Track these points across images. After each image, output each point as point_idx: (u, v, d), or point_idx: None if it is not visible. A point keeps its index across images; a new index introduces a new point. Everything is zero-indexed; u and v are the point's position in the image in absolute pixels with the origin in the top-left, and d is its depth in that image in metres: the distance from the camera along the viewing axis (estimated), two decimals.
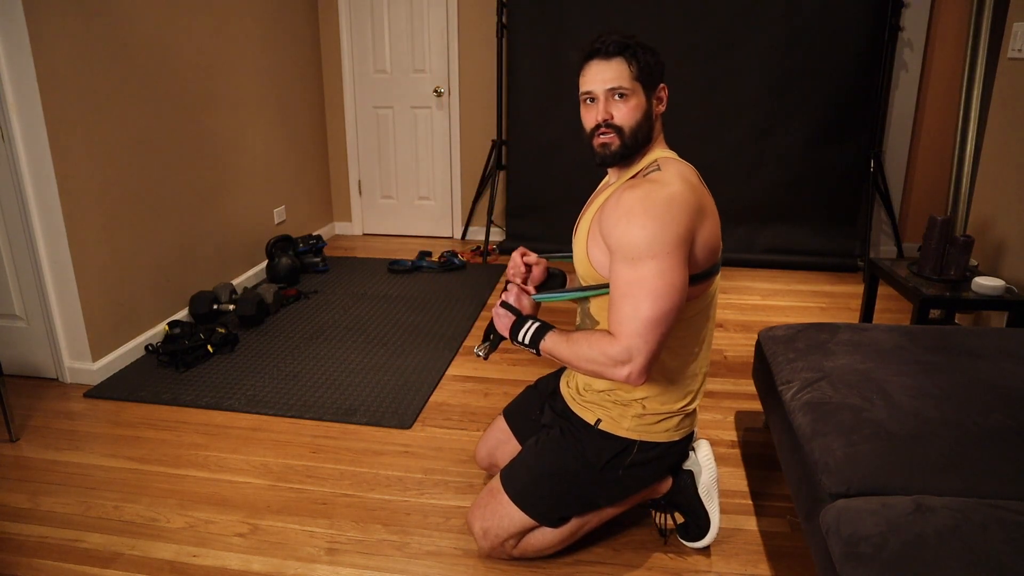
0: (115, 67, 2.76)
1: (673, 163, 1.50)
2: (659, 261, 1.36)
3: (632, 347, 1.38)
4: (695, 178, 1.50)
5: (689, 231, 1.40)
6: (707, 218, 1.45)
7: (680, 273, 1.38)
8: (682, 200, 1.39)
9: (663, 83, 1.53)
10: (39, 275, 2.62)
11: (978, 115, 3.51)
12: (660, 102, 1.54)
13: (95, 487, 2.11)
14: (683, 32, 4.00)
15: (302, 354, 2.97)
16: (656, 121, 1.55)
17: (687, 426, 1.69)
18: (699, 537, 1.78)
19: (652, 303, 1.36)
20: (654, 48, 1.52)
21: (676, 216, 1.37)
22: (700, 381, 1.66)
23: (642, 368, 1.39)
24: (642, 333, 1.37)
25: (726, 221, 4.21)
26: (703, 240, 1.44)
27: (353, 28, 4.53)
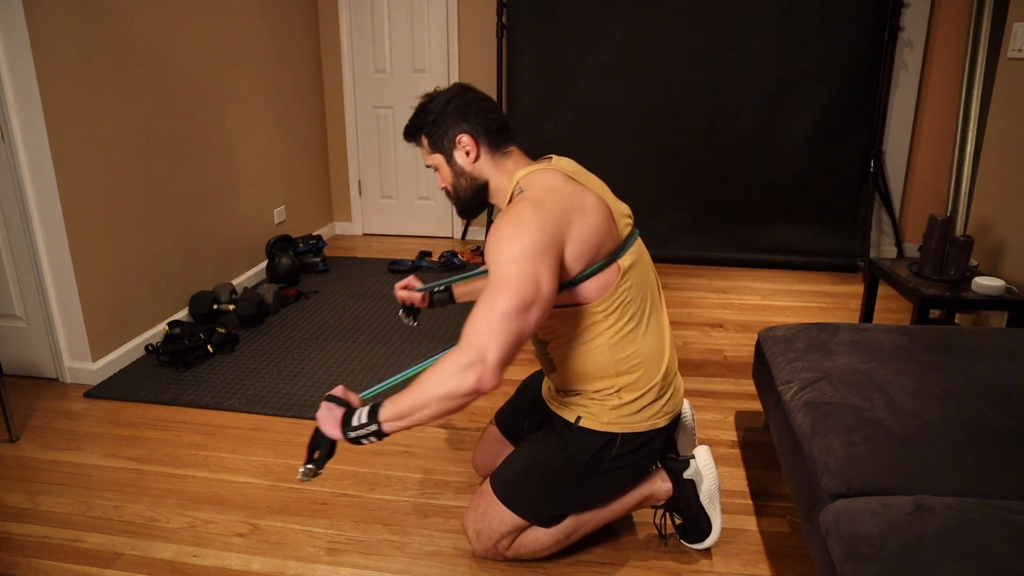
0: (115, 67, 2.76)
1: (536, 176, 1.52)
2: (521, 264, 1.36)
3: (481, 345, 1.32)
4: (561, 181, 1.50)
5: (553, 237, 1.40)
6: (579, 216, 1.45)
7: (544, 275, 1.37)
8: (540, 212, 1.41)
9: (458, 132, 1.56)
10: (39, 275, 2.62)
11: (978, 115, 3.51)
12: (465, 151, 1.57)
13: (95, 487, 2.11)
14: (683, 32, 4.00)
15: (302, 354, 2.97)
16: (480, 161, 1.58)
17: (669, 410, 1.67)
18: (699, 540, 1.78)
19: (508, 296, 1.34)
20: (434, 110, 1.57)
21: (534, 227, 1.39)
22: (667, 359, 1.63)
23: (494, 365, 1.32)
24: (492, 329, 1.33)
25: (726, 221, 4.25)
26: (579, 235, 1.44)
27: (353, 28, 4.53)
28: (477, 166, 1.58)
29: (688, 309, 3.52)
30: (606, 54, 4.10)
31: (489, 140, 1.58)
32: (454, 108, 1.56)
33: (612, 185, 4.75)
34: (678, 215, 4.30)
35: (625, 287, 1.53)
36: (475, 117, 1.57)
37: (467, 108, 1.57)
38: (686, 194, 4.26)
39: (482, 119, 1.57)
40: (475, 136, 1.56)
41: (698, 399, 2.60)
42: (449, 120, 1.57)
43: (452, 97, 1.58)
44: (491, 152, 1.58)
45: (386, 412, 1.40)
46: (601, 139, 4.24)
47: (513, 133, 1.63)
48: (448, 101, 1.57)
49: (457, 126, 1.56)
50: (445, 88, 1.63)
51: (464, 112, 1.56)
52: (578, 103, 4.21)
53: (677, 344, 3.10)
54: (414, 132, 1.61)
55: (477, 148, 1.57)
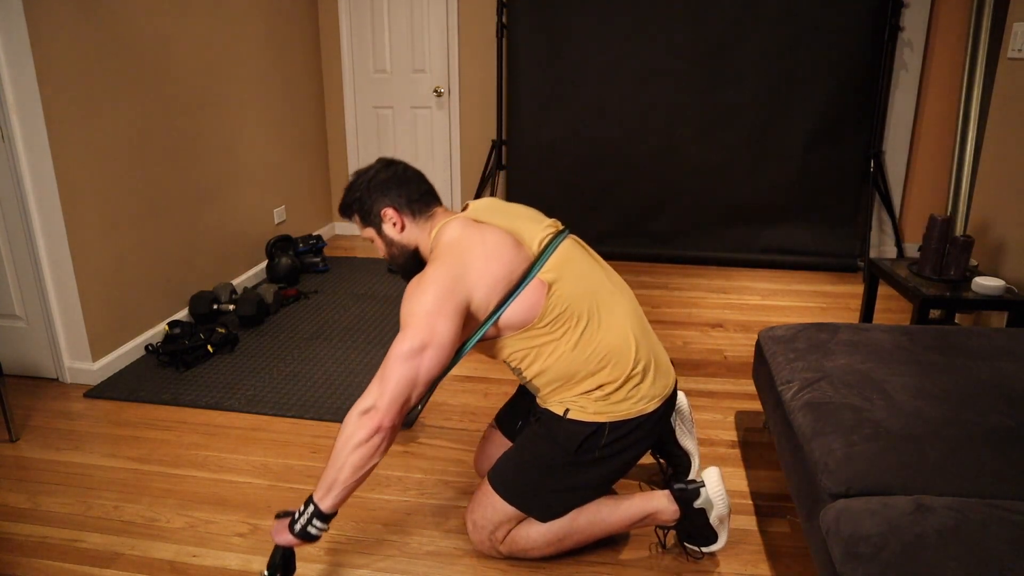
0: (115, 67, 2.76)
1: (441, 234, 1.64)
2: (413, 317, 1.51)
3: (374, 391, 1.50)
4: (459, 230, 1.62)
5: (451, 289, 1.52)
6: (478, 259, 1.57)
7: (436, 323, 1.50)
8: (438, 270, 1.54)
9: (382, 207, 1.70)
10: (39, 275, 2.62)
11: (978, 115, 3.51)
12: (392, 223, 1.71)
13: (95, 487, 2.11)
14: (683, 32, 4.00)
15: (302, 354, 2.97)
16: (407, 230, 1.71)
17: (657, 392, 1.67)
18: (701, 544, 1.77)
19: (403, 343, 1.49)
20: (359, 188, 1.72)
21: (432, 286, 1.52)
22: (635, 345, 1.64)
23: (387, 407, 1.48)
24: (385, 372, 1.50)
25: (726, 221, 4.25)
26: (482, 275, 1.56)
27: (353, 28, 4.53)
28: (405, 235, 1.72)
29: (688, 309, 3.52)
30: (606, 54, 4.10)
31: (412, 210, 1.71)
32: (376, 185, 1.71)
33: (612, 185, 4.72)
34: (678, 215, 4.30)
35: (557, 296, 1.59)
36: (396, 191, 1.70)
37: (388, 184, 1.71)
38: (686, 194, 4.26)
39: (403, 191, 1.70)
40: (397, 208, 1.70)
41: (698, 399, 2.61)
42: (373, 196, 1.71)
43: (375, 174, 1.72)
44: (415, 220, 1.71)
45: (318, 491, 1.53)
46: (601, 139, 4.24)
47: (436, 197, 1.76)
48: (371, 179, 1.72)
49: (380, 202, 1.70)
50: (370, 165, 1.77)
51: (386, 188, 1.70)
52: (578, 103, 4.21)
53: (677, 344, 3.10)
54: (347, 210, 1.77)
55: (401, 219, 1.71)
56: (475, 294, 1.55)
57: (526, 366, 1.67)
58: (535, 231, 1.66)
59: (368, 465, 1.52)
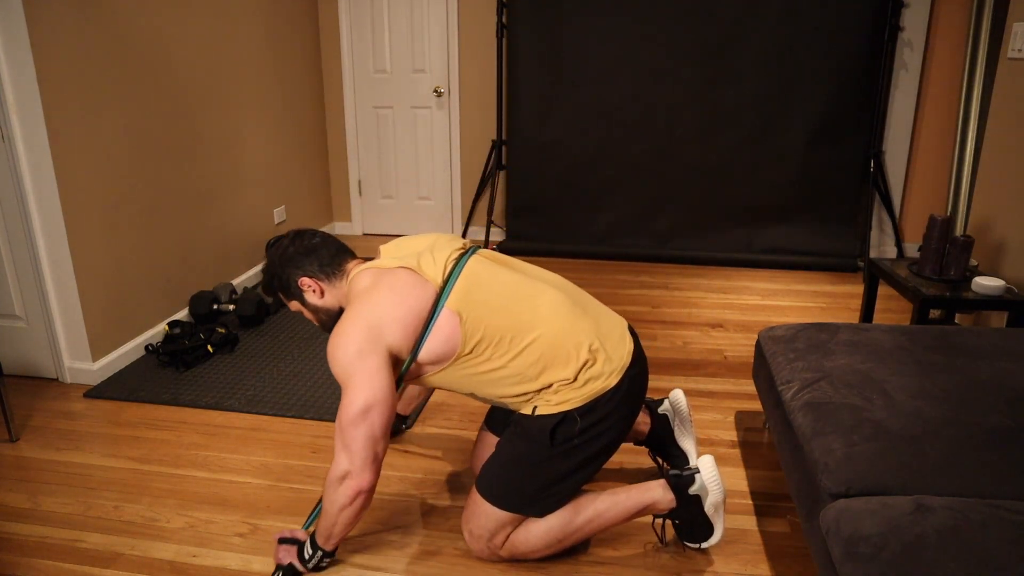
0: (115, 67, 2.76)
1: (355, 284, 1.69)
2: (353, 378, 1.56)
3: (343, 458, 1.57)
4: (366, 280, 1.67)
5: (368, 339, 1.57)
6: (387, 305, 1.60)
7: (375, 378, 1.56)
8: (350, 326, 1.58)
9: (298, 278, 1.77)
10: (39, 275, 2.62)
11: (978, 115, 3.51)
12: (312, 290, 1.78)
13: (95, 487, 2.11)
14: (683, 32, 4.00)
15: (302, 354, 2.97)
16: (327, 294, 1.77)
17: (613, 367, 1.66)
18: (699, 540, 1.77)
19: (348, 408, 1.55)
20: (273, 267, 1.80)
21: (351, 341, 1.57)
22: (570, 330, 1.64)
23: (360, 469, 1.57)
24: (345, 439, 1.56)
25: (726, 221, 4.25)
26: (393, 320, 1.59)
27: (353, 28, 4.53)
28: (326, 300, 1.78)
29: (688, 309, 3.52)
30: (606, 54, 4.11)
31: (325, 274, 1.77)
32: (287, 260, 1.78)
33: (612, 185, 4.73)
34: (678, 215, 4.30)
35: (471, 321, 1.61)
36: (306, 259, 1.77)
37: (298, 255, 1.77)
38: (686, 194, 4.26)
39: (313, 258, 1.77)
40: (312, 276, 1.77)
41: (698, 399, 2.61)
42: (287, 271, 1.78)
43: (285, 250, 1.79)
44: (331, 283, 1.77)
45: (319, 537, 1.68)
46: (601, 139, 4.24)
47: (348, 252, 1.81)
48: (281, 255, 1.79)
49: (295, 274, 1.77)
50: (279, 238, 1.84)
51: (295, 260, 1.77)
52: (578, 103, 4.22)
53: (677, 344, 3.10)
54: (267, 289, 1.85)
55: (319, 286, 1.77)
56: (393, 339, 1.59)
57: (477, 391, 1.70)
58: (439, 259, 1.69)
59: (359, 517, 1.65)
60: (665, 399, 2.08)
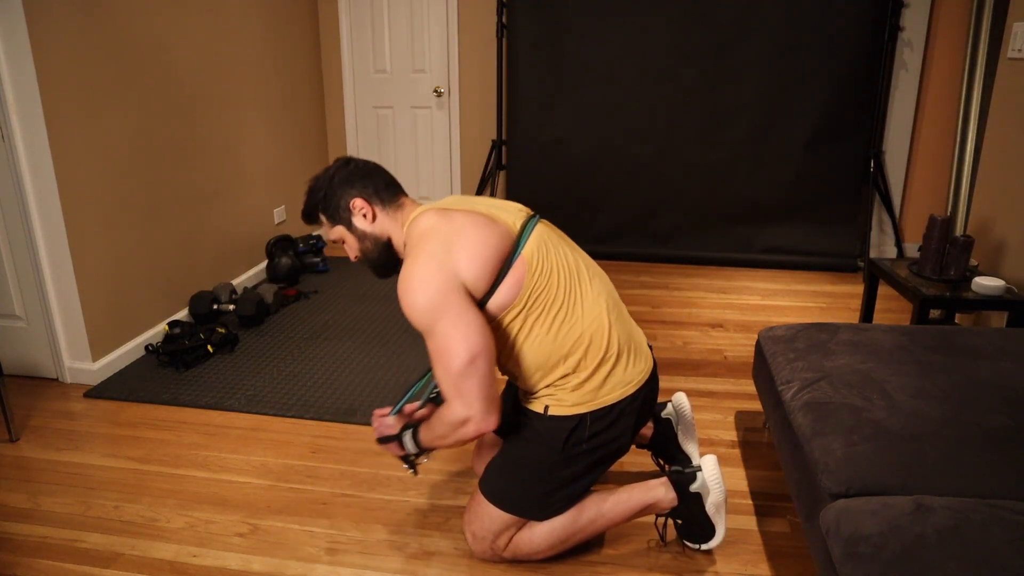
0: (115, 67, 2.76)
1: (413, 226, 1.61)
2: (441, 322, 1.48)
3: (460, 405, 1.51)
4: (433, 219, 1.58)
5: (448, 277, 1.49)
6: (458, 239, 1.53)
7: (468, 319, 1.48)
8: (424, 261, 1.50)
9: (351, 199, 1.67)
10: (39, 275, 2.62)
11: (978, 115, 3.51)
12: (362, 214, 1.67)
13: (95, 487, 2.11)
14: (683, 32, 4.00)
15: (302, 354, 2.97)
16: (378, 220, 1.68)
17: (633, 377, 1.66)
18: (701, 541, 1.77)
19: (454, 359, 1.48)
20: (322, 187, 1.68)
21: (428, 278, 1.49)
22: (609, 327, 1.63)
23: (482, 414, 1.51)
24: (460, 388, 1.49)
25: (726, 221, 4.25)
26: (467, 259, 1.51)
27: (353, 28, 4.53)
28: (377, 225, 1.68)
29: (688, 309, 3.52)
30: (606, 54, 4.10)
31: (380, 198, 1.68)
32: (340, 180, 1.68)
33: (612, 185, 4.73)
34: (678, 215, 4.30)
35: (539, 273, 1.57)
36: (361, 182, 1.68)
37: (352, 176, 1.68)
38: (686, 194, 4.26)
39: (368, 182, 1.68)
40: (366, 198, 1.67)
41: (698, 399, 2.61)
42: (339, 191, 1.68)
43: (336, 171, 1.69)
44: (385, 209, 1.68)
45: (421, 440, 1.66)
46: (601, 139, 4.24)
47: (400, 187, 1.73)
48: (332, 175, 1.69)
49: (347, 193, 1.67)
50: (326, 167, 1.74)
51: (350, 180, 1.67)
52: (578, 103, 4.21)
53: (677, 344, 3.10)
54: (311, 212, 1.72)
55: (372, 208, 1.67)
56: (470, 276, 1.52)
57: (503, 353, 1.64)
58: (510, 214, 1.65)
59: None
60: (668, 403, 2.08)
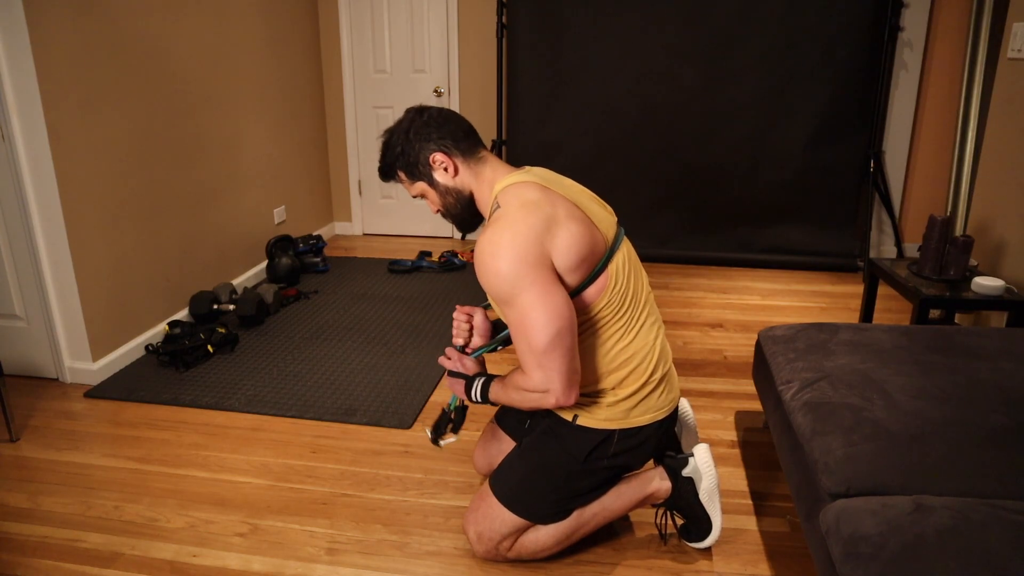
0: (116, 67, 2.76)
1: (512, 191, 1.52)
2: (526, 294, 1.42)
3: (542, 378, 1.47)
4: (536, 193, 1.49)
5: (541, 253, 1.43)
6: (560, 227, 1.46)
7: (552, 294, 1.43)
8: (520, 230, 1.43)
9: (430, 153, 1.58)
10: (39, 275, 2.62)
11: (978, 115, 3.51)
12: (444, 168, 1.59)
13: (95, 487, 2.11)
14: (683, 32, 4.00)
15: (302, 354, 2.97)
16: (460, 174, 1.60)
17: (665, 404, 1.67)
18: (700, 538, 1.78)
19: (537, 334, 1.43)
20: (398, 142, 1.59)
21: (520, 247, 1.42)
22: (658, 353, 1.64)
23: (563, 389, 1.47)
24: (542, 363, 1.45)
25: (726, 221, 4.25)
26: (564, 248, 1.46)
27: (353, 28, 4.53)
28: (459, 180, 1.60)
29: (688, 309, 3.52)
30: (606, 54, 4.10)
31: (461, 150, 1.59)
32: (415, 132, 1.58)
33: (612, 185, 4.73)
34: (678, 215, 4.30)
35: (616, 290, 1.55)
36: (438, 132, 1.58)
37: (427, 127, 1.58)
38: (686, 194, 4.26)
39: (446, 132, 1.58)
40: (446, 151, 1.58)
41: (698, 399, 2.61)
42: (416, 146, 1.58)
43: (410, 123, 1.60)
44: (466, 161, 1.60)
45: (493, 395, 1.64)
46: (601, 139, 4.24)
47: (479, 136, 1.64)
48: (408, 129, 1.59)
49: (426, 148, 1.58)
50: (399, 118, 1.65)
51: (426, 133, 1.58)
52: (578, 103, 4.21)
53: (677, 344, 3.10)
54: (388, 170, 1.64)
55: (452, 162, 1.59)
56: (560, 264, 1.46)
57: None
58: (605, 218, 1.58)
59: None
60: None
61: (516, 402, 1.57)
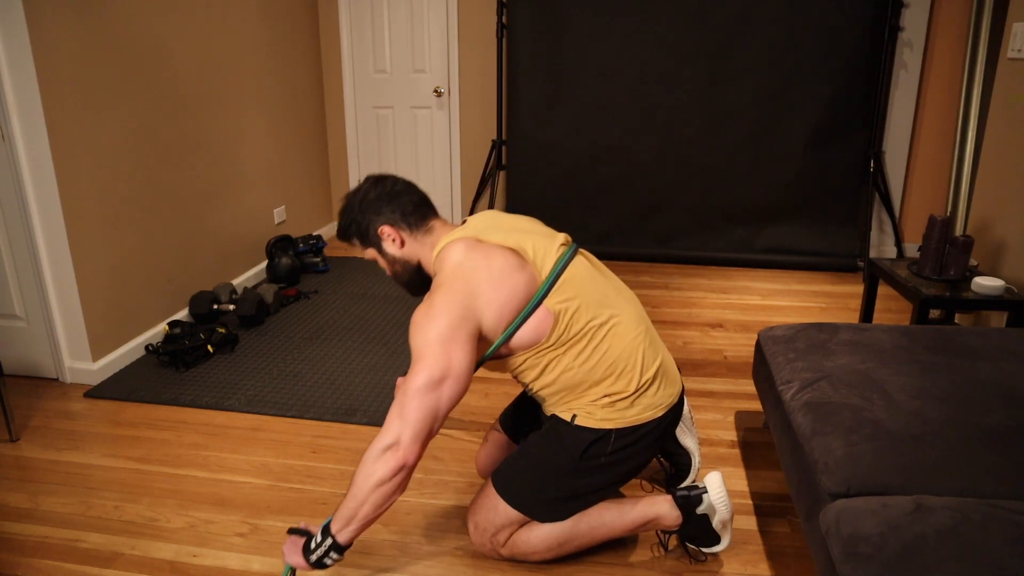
0: (115, 67, 2.76)
1: (445, 254, 1.61)
2: (427, 347, 1.48)
3: (395, 427, 1.47)
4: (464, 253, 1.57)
5: (462, 316, 1.50)
6: (486, 284, 1.53)
7: (452, 353, 1.48)
8: (447, 296, 1.51)
9: (379, 226, 1.69)
10: (39, 275, 2.62)
11: (978, 115, 3.51)
12: (392, 240, 1.69)
13: (95, 487, 2.11)
14: (683, 32, 4.00)
15: (302, 354, 2.97)
16: (407, 245, 1.70)
17: (663, 400, 1.67)
18: (703, 546, 1.77)
19: (417, 377, 1.47)
20: (352, 211, 1.70)
21: (443, 313, 1.49)
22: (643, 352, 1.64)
23: (409, 444, 1.46)
24: (405, 409, 1.47)
25: (726, 221, 4.25)
26: (490, 302, 1.53)
27: (353, 28, 4.53)
28: (406, 251, 1.70)
29: (688, 309, 3.52)
30: (606, 54, 4.11)
31: (408, 224, 1.69)
32: (368, 205, 1.69)
33: (612, 185, 4.71)
34: (678, 215, 4.30)
35: (566, 318, 1.58)
36: (389, 207, 1.68)
37: (379, 201, 1.69)
38: (686, 194, 4.26)
39: (396, 206, 1.68)
40: (393, 224, 1.68)
41: (698, 399, 2.61)
42: (368, 217, 1.69)
43: (364, 195, 1.70)
44: (413, 234, 1.69)
45: (336, 523, 1.51)
46: (601, 139, 4.24)
47: (431, 205, 1.73)
48: (362, 200, 1.70)
49: (375, 221, 1.69)
50: (359, 184, 1.75)
51: (377, 207, 1.68)
52: (578, 103, 4.22)
53: (677, 344, 3.10)
54: (344, 234, 1.75)
55: (399, 235, 1.69)
56: (485, 319, 1.53)
57: (532, 378, 1.66)
58: (548, 248, 1.63)
59: (390, 501, 1.50)
60: None
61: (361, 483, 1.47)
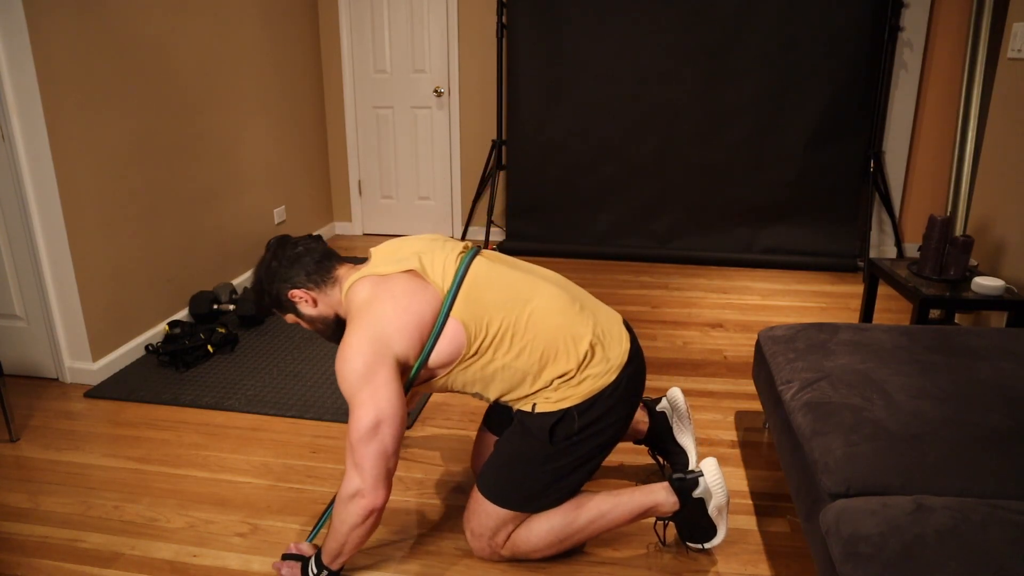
0: (115, 67, 2.76)
1: (355, 295, 1.64)
2: (355, 397, 1.53)
3: (354, 476, 1.53)
4: (367, 291, 1.61)
5: (376, 355, 1.54)
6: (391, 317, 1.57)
7: (382, 389, 1.53)
8: (358, 340, 1.55)
9: (289, 290, 1.71)
10: (39, 275, 2.62)
11: (978, 115, 3.51)
12: (304, 301, 1.72)
13: (95, 487, 2.11)
14: (683, 32, 4.00)
15: (302, 354, 2.97)
16: (320, 303, 1.71)
17: (612, 365, 1.66)
18: (702, 541, 1.77)
19: (354, 429, 1.52)
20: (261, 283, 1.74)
21: (356, 357, 1.53)
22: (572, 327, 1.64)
23: (372, 487, 1.52)
24: (355, 458, 1.53)
25: (726, 221, 4.25)
26: (398, 331, 1.56)
27: (353, 28, 4.53)
28: (320, 309, 1.72)
29: (688, 309, 3.52)
30: (606, 54, 4.11)
31: (315, 282, 1.70)
32: (274, 274, 1.71)
33: (612, 185, 4.72)
34: (678, 215, 4.30)
35: (476, 326, 1.60)
36: (292, 272, 1.70)
37: (283, 268, 1.71)
38: (686, 194, 4.26)
39: (299, 269, 1.70)
40: (301, 287, 1.70)
41: (698, 399, 2.61)
42: (276, 286, 1.72)
43: (268, 265, 1.73)
44: (322, 290, 1.71)
45: (326, 557, 1.62)
46: (601, 138, 4.24)
47: (332, 256, 1.75)
48: (267, 270, 1.73)
49: (283, 288, 1.71)
50: (262, 256, 1.79)
51: (283, 273, 1.71)
52: (578, 103, 4.22)
53: (677, 344, 3.10)
54: (262, 309, 1.80)
55: (310, 296, 1.71)
56: (400, 347, 1.56)
57: (478, 390, 1.68)
58: (440, 261, 1.67)
59: (368, 537, 1.60)
60: (663, 397, 2.08)
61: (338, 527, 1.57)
